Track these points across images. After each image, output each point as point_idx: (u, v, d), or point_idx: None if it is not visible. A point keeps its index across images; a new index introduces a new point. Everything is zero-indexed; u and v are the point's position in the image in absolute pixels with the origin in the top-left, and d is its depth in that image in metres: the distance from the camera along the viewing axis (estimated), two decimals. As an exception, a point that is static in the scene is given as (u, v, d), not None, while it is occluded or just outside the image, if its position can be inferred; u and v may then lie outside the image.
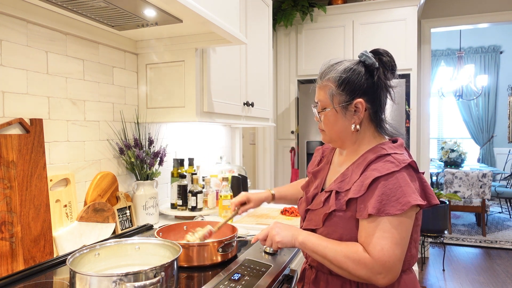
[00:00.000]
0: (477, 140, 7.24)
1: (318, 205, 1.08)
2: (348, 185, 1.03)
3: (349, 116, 1.05)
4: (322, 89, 1.07)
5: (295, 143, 3.87)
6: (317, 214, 1.07)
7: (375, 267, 0.91)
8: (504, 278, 3.50)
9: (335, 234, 1.01)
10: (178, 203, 1.84)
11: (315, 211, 1.09)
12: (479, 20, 3.94)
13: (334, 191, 1.04)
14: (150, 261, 1.10)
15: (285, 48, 3.84)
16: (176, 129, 2.08)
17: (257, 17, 2.37)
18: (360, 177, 1.00)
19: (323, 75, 1.08)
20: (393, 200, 0.92)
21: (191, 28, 1.53)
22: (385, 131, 1.09)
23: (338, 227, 1.01)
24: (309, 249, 1.01)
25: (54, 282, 1.08)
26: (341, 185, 1.05)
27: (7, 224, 1.14)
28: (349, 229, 0.99)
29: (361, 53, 1.06)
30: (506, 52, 7.02)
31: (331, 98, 1.05)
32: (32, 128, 1.25)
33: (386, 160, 0.98)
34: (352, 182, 1.02)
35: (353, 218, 0.99)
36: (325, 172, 1.19)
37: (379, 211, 0.92)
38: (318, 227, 1.06)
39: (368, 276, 0.92)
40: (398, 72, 1.13)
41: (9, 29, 1.20)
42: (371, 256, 0.91)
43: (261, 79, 2.47)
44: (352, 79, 1.03)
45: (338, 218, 1.01)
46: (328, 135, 1.10)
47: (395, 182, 0.93)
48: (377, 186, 0.95)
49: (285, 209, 1.93)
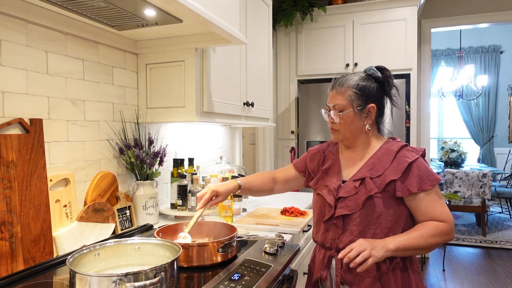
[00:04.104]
0: (477, 140, 7.24)
1: (351, 191, 1.24)
2: (379, 171, 1.23)
3: (363, 118, 1.27)
4: (341, 94, 1.27)
5: (295, 143, 3.87)
6: (352, 200, 1.23)
7: (450, 229, 1.18)
8: (504, 278, 3.50)
9: (374, 213, 1.20)
10: (178, 203, 1.83)
11: (348, 197, 1.24)
12: (479, 20, 3.94)
13: (368, 177, 1.23)
14: (150, 261, 1.10)
15: (285, 48, 3.84)
16: (176, 129, 2.08)
17: (257, 17, 2.37)
18: (392, 163, 1.22)
19: (340, 83, 1.28)
20: (427, 178, 1.19)
21: (191, 28, 1.53)
22: (383, 131, 1.36)
23: (377, 207, 1.20)
24: (402, 250, 1.14)
25: (54, 282, 1.08)
26: (372, 172, 1.24)
27: (7, 224, 1.14)
28: (387, 207, 1.20)
29: (368, 68, 1.30)
30: (506, 52, 7.02)
31: (351, 101, 1.26)
32: (32, 128, 1.25)
33: (407, 149, 1.25)
34: (383, 168, 1.23)
35: (390, 197, 1.21)
36: (337, 167, 1.35)
37: (419, 188, 1.18)
38: (355, 210, 1.22)
39: (449, 238, 1.18)
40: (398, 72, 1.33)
41: (9, 29, 1.20)
42: (446, 223, 1.17)
43: (261, 79, 2.47)
44: (367, 87, 1.26)
45: (377, 198, 1.20)
46: (342, 134, 1.30)
47: (422, 165, 1.21)
48: (411, 169, 1.20)
49: (285, 209, 1.93)
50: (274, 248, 1.30)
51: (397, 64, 3.35)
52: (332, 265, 1.28)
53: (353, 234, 1.23)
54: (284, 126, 3.90)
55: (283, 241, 1.38)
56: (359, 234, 1.22)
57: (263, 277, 1.11)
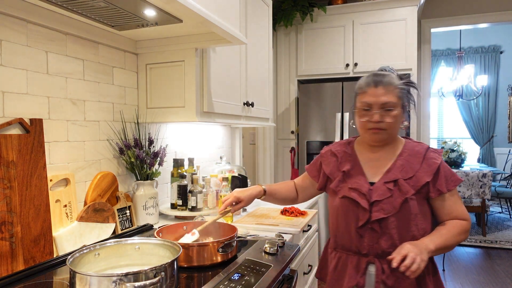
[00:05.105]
0: (477, 140, 7.24)
1: (385, 194, 1.23)
2: (409, 173, 1.24)
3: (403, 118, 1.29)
4: (391, 92, 1.24)
5: (295, 143, 3.87)
6: (387, 203, 1.22)
7: (470, 227, 1.25)
8: (504, 278, 3.50)
9: (410, 215, 1.21)
10: (178, 203, 1.83)
11: (383, 200, 1.23)
12: (479, 20, 3.94)
13: (401, 179, 1.23)
14: (150, 261, 1.10)
15: (285, 48, 3.84)
16: (176, 129, 2.08)
17: (257, 17, 2.37)
18: (422, 165, 1.24)
19: (387, 82, 1.25)
20: (450, 179, 1.24)
21: (191, 28, 1.53)
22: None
23: (413, 208, 1.21)
24: (439, 250, 1.16)
25: (54, 282, 1.08)
26: (403, 174, 1.24)
27: (7, 224, 1.14)
28: (420, 208, 1.23)
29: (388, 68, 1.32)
30: (506, 52, 7.02)
31: (401, 100, 1.25)
32: (32, 128, 1.25)
33: (431, 151, 1.28)
34: (414, 169, 1.24)
35: (423, 198, 1.24)
36: (359, 169, 1.32)
37: (447, 188, 1.23)
38: (391, 213, 1.21)
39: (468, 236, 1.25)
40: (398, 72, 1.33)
41: (9, 29, 1.20)
42: (467, 221, 1.24)
43: (261, 79, 2.47)
44: (405, 87, 1.29)
45: (412, 200, 1.21)
46: (388, 132, 1.27)
47: (446, 166, 1.26)
48: (439, 170, 1.24)
49: (285, 209, 1.92)
50: (274, 248, 1.30)
51: (397, 64, 3.35)
52: (370, 271, 1.25)
53: (393, 238, 1.21)
54: (284, 126, 3.90)
55: (283, 241, 1.38)
56: (399, 237, 1.21)
57: (263, 277, 1.11)
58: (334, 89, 3.50)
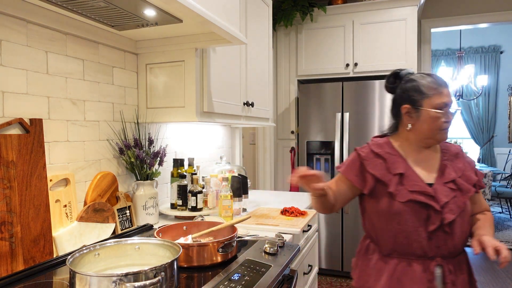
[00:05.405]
0: (477, 140, 7.24)
1: (449, 195, 1.24)
2: (457, 173, 1.29)
3: None
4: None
5: (295, 143, 3.86)
6: (453, 203, 1.23)
7: None
8: (504, 278, 3.50)
9: (467, 212, 1.26)
10: (178, 203, 1.83)
11: (449, 201, 1.24)
12: (479, 20, 3.94)
13: (458, 179, 1.27)
14: (150, 261, 1.10)
15: (285, 48, 3.84)
16: (176, 129, 2.08)
17: (257, 17, 2.37)
18: (465, 164, 1.32)
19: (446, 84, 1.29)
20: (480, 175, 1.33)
21: (191, 28, 1.53)
22: None
23: (467, 206, 1.27)
24: None
25: (54, 282, 1.08)
26: (455, 174, 1.29)
27: (7, 224, 1.14)
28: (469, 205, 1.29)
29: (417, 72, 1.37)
30: (506, 52, 7.02)
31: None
32: (32, 128, 1.25)
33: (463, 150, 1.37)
34: (460, 170, 1.30)
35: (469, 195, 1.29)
36: (413, 171, 1.29)
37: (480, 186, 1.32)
38: (457, 213, 1.23)
39: None
40: None
41: (9, 29, 1.20)
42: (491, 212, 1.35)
43: (261, 79, 2.47)
44: None
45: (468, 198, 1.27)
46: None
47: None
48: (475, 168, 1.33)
49: (285, 209, 1.93)
50: (274, 248, 1.30)
51: (397, 64, 3.35)
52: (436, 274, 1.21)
53: (456, 236, 1.23)
54: (284, 126, 3.90)
55: (283, 241, 1.38)
56: (462, 235, 1.25)
57: (263, 277, 1.11)
58: (334, 89, 3.51)
